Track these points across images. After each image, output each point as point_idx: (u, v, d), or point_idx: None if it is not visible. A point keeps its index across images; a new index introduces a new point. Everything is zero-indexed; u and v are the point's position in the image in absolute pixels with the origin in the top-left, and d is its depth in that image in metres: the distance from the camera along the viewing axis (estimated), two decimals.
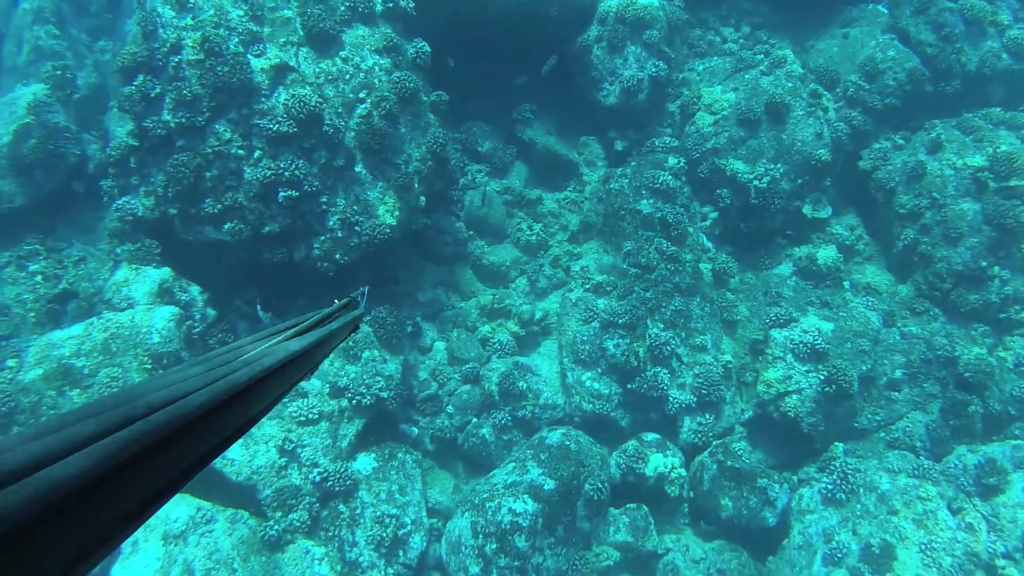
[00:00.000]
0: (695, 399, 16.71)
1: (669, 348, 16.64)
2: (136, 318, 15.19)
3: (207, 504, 14.16)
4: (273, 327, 1.88)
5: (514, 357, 17.37)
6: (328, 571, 14.25)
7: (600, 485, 15.57)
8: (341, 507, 14.95)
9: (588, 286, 17.51)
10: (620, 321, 16.65)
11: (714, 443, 16.66)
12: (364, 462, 15.59)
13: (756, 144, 18.57)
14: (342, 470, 14.98)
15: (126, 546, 13.88)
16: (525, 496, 15.07)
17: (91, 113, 19.42)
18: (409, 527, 15.18)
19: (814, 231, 18.77)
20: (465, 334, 17.52)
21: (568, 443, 15.90)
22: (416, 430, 16.61)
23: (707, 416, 16.80)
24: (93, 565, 1.00)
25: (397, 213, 16.35)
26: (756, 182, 18.18)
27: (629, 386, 16.52)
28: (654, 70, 19.62)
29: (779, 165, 18.35)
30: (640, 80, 19.58)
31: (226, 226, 15.72)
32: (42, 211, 17.91)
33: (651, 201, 17.96)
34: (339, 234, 15.97)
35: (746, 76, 19.61)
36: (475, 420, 16.78)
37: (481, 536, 14.88)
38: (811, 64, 19.82)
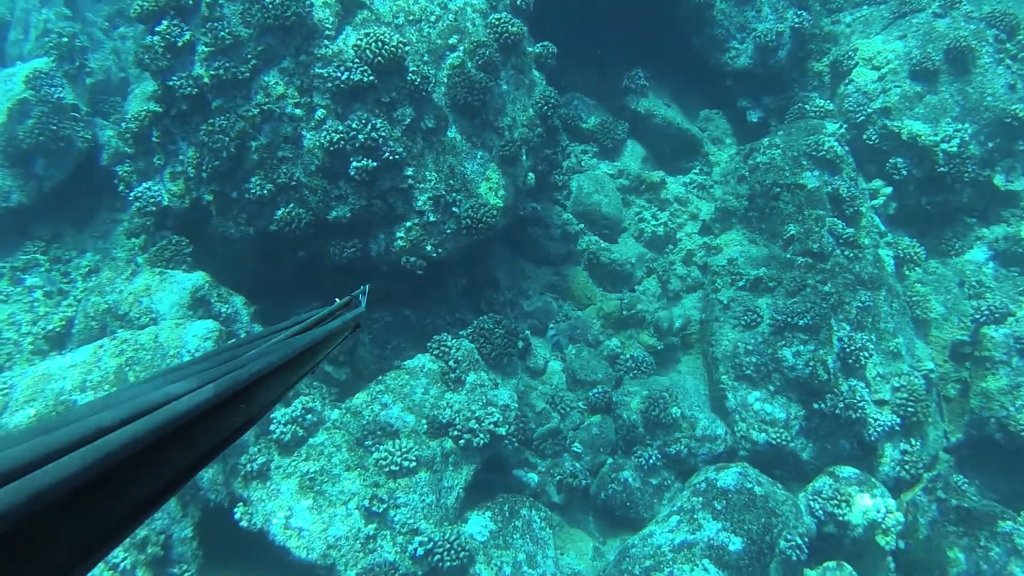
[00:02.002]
0: (898, 420, 11.19)
1: (866, 355, 11.11)
2: (161, 337, 9.69)
3: None
4: (274, 326, 1.66)
5: (652, 377, 11.83)
6: None
7: (799, 541, 10.00)
8: None
9: (741, 283, 12.00)
10: (800, 323, 11.11)
11: (925, 477, 11.13)
12: (478, 524, 10.00)
13: (936, 100, 13.18)
14: (452, 537, 9.37)
15: None
16: (705, 562, 9.53)
17: (107, 102, 13.97)
18: None
19: (1005, 207, 13.29)
20: (587, 350, 11.97)
21: (749, 485, 10.35)
22: (535, 477, 11.00)
23: (914, 442, 11.26)
24: (95, 563, 0.88)
25: (502, 192, 10.90)
26: (944, 145, 12.74)
27: (815, 406, 10.95)
28: (796, 20, 14.18)
29: (967, 125, 12.97)
30: (779, 34, 14.13)
31: (279, 212, 10.27)
32: (45, 213, 12.45)
33: (815, 173, 12.51)
34: (431, 217, 10.48)
35: (913, 20, 14.13)
36: (610, 460, 11.21)
37: None
38: (984, 9, 14.25)
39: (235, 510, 9.29)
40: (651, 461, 10.88)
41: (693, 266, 13.01)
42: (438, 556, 9.22)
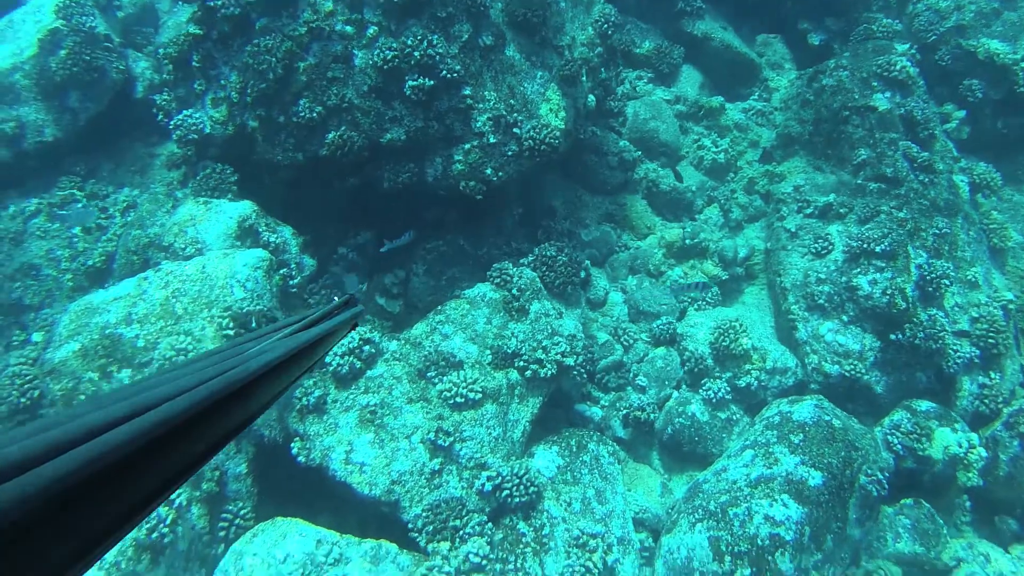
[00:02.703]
0: (977, 351, 10.46)
1: (946, 283, 10.35)
2: (208, 267, 9.01)
3: (330, 534, 7.96)
4: (273, 325, 1.58)
5: (717, 308, 11.11)
6: None
7: (880, 476, 9.32)
8: (522, 526, 8.71)
9: (809, 210, 11.20)
10: (877, 249, 10.31)
11: (1005, 412, 10.42)
12: (545, 459, 9.34)
13: (1016, 17, 12.29)
14: (521, 472, 8.71)
15: None
16: (784, 497, 8.86)
17: (139, 33, 13.17)
18: (616, 550, 8.94)
19: None
20: (649, 281, 11.25)
21: (827, 418, 9.64)
22: (599, 411, 10.33)
23: (993, 375, 10.53)
24: (95, 560, 0.87)
25: (563, 114, 10.11)
26: None
27: (892, 337, 10.21)
28: None
29: None
30: None
31: (329, 136, 9.54)
32: (80, 148, 11.73)
33: (887, 95, 11.63)
34: (491, 139, 9.72)
35: None
36: (676, 394, 10.52)
37: (728, 559, 8.66)
38: None
39: (291, 445, 8.65)
40: (720, 394, 10.18)
41: (755, 195, 12.20)
42: (506, 492, 8.58)
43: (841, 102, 11.66)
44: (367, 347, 9.05)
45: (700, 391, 10.30)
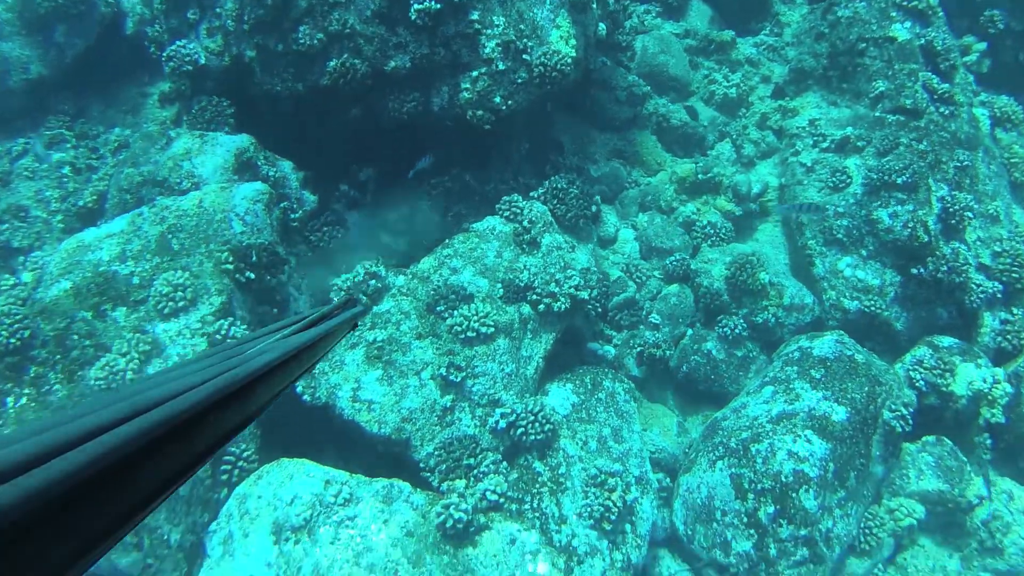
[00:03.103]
0: (1000, 286, 10.03)
1: (970, 215, 9.88)
2: (206, 201, 8.49)
3: (340, 474, 7.51)
4: (272, 325, 1.58)
5: (732, 244, 10.63)
6: (551, 570, 7.55)
7: (904, 411, 8.90)
8: (537, 465, 8.27)
9: (825, 144, 10.70)
10: (898, 180, 9.82)
11: None
12: (559, 396, 8.88)
13: None
14: (536, 409, 8.25)
15: (216, 547, 7.26)
16: (808, 432, 8.46)
17: None
18: (634, 489, 8.51)
19: None
20: (660, 217, 10.75)
21: (849, 352, 9.21)
22: (612, 350, 9.87)
23: (1016, 311, 10.11)
24: (96, 559, 0.85)
25: (573, 41, 9.55)
26: None
27: (914, 271, 9.75)
28: None
29: None
30: None
31: (331, 64, 9.00)
32: (67, 86, 11.10)
33: (907, 25, 11.08)
34: (499, 66, 9.16)
35: None
36: (691, 332, 10.07)
37: (752, 496, 8.28)
38: None
39: (297, 384, 8.18)
40: (736, 331, 9.72)
41: (768, 131, 11.66)
42: (521, 430, 8.12)
43: (858, 33, 11.10)
44: (373, 281, 8.54)
45: (716, 328, 9.84)
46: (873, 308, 9.79)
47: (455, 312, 8.40)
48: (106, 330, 7.87)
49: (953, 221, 9.75)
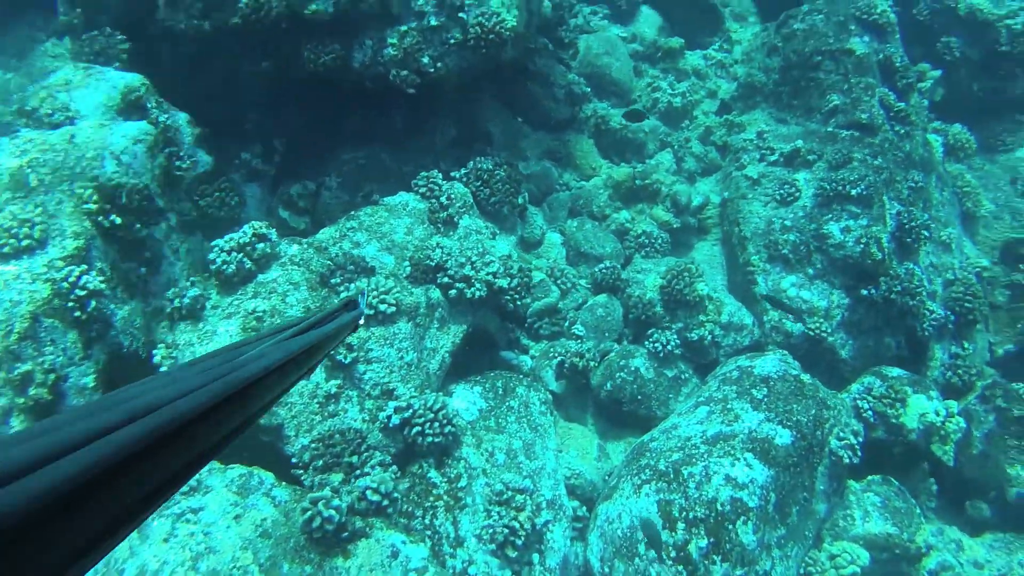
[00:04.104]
0: (952, 316, 8.90)
1: (926, 233, 8.75)
2: (79, 137, 6.93)
3: None
4: (273, 326, 1.63)
5: (666, 258, 9.32)
6: None
7: (852, 440, 7.59)
8: (433, 475, 6.72)
9: (773, 157, 9.53)
10: (852, 192, 8.65)
11: (979, 385, 8.85)
12: (466, 399, 7.37)
13: None
14: (436, 406, 6.72)
15: None
16: (748, 456, 7.08)
17: None
18: (546, 512, 7.00)
19: None
20: (591, 223, 9.41)
21: (795, 372, 7.92)
22: (529, 360, 8.41)
23: (967, 345, 8.97)
24: (96, 561, 0.87)
25: (515, 12, 8.26)
26: (1009, 21, 10.46)
27: (864, 292, 8.54)
28: None
29: None
30: None
31: (242, 1, 7.54)
32: None
33: (865, 39, 10.06)
34: (431, 21, 7.83)
35: None
36: (617, 348, 8.68)
37: (682, 526, 6.80)
38: None
39: (154, 352, 6.55)
40: (669, 347, 8.34)
41: (711, 146, 10.48)
42: (417, 428, 6.57)
43: (813, 47, 10.03)
44: (261, 245, 6.98)
45: (646, 343, 8.45)
46: (818, 332, 8.54)
47: (351, 285, 6.89)
48: None
49: (909, 239, 8.60)
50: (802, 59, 10.15)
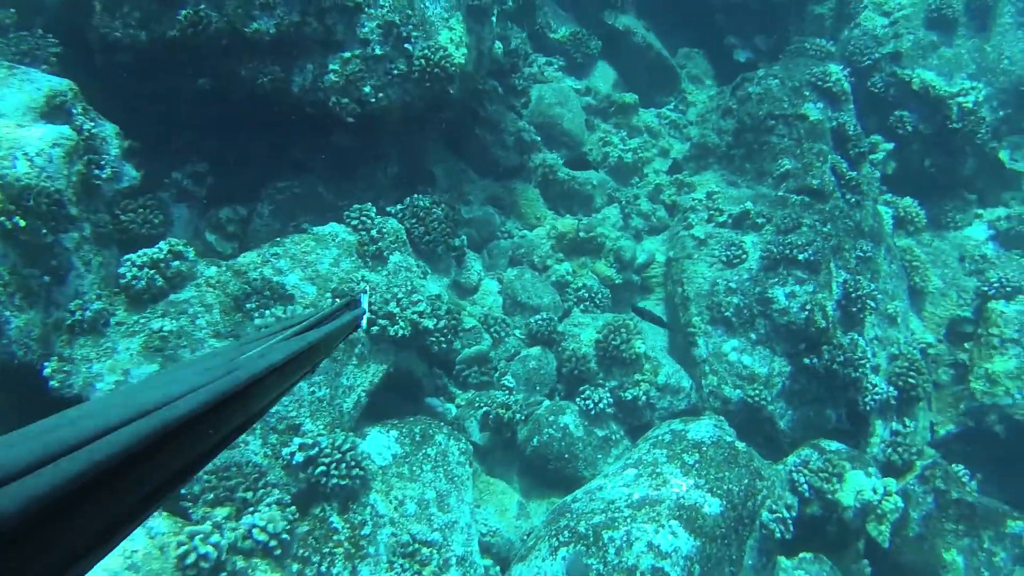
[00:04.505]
0: (895, 392, 8.62)
1: (872, 304, 8.50)
2: None
3: None
4: (274, 326, 1.58)
5: (606, 314, 8.98)
6: None
7: (785, 513, 7.24)
8: (335, 520, 6.24)
9: (722, 218, 9.29)
10: (800, 256, 8.41)
11: (919, 465, 8.54)
12: (380, 443, 6.92)
13: (952, 54, 10.88)
14: (345, 447, 6.28)
15: None
16: (674, 524, 6.70)
17: None
18: (454, 570, 6.52)
19: (1006, 189, 10.98)
20: (531, 273, 9.06)
21: (729, 439, 7.57)
22: (454, 408, 7.97)
23: (908, 422, 8.68)
24: (96, 561, 0.86)
25: (464, 50, 8.02)
26: (960, 99, 10.40)
27: (806, 361, 8.25)
28: None
29: (980, 85, 10.72)
30: None
31: (183, 12, 7.22)
32: None
33: (819, 105, 9.94)
34: (376, 50, 7.55)
35: None
36: (547, 403, 8.27)
37: None
38: None
39: (46, 365, 6.06)
40: (601, 405, 7.95)
41: (660, 204, 10.23)
42: (322, 468, 6.12)
43: (767, 110, 9.88)
44: (177, 262, 6.55)
45: (578, 399, 8.07)
46: (757, 399, 8.20)
47: (266, 312, 6.47)
48: None
49: (854, 309, 8.33)
50: (756, 122, 10.00)
